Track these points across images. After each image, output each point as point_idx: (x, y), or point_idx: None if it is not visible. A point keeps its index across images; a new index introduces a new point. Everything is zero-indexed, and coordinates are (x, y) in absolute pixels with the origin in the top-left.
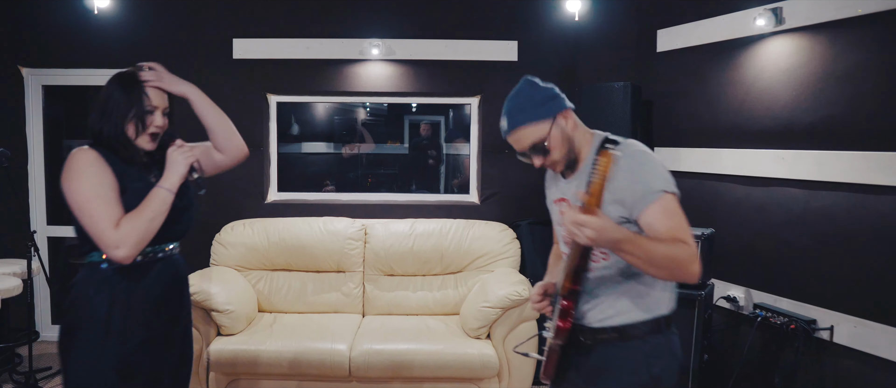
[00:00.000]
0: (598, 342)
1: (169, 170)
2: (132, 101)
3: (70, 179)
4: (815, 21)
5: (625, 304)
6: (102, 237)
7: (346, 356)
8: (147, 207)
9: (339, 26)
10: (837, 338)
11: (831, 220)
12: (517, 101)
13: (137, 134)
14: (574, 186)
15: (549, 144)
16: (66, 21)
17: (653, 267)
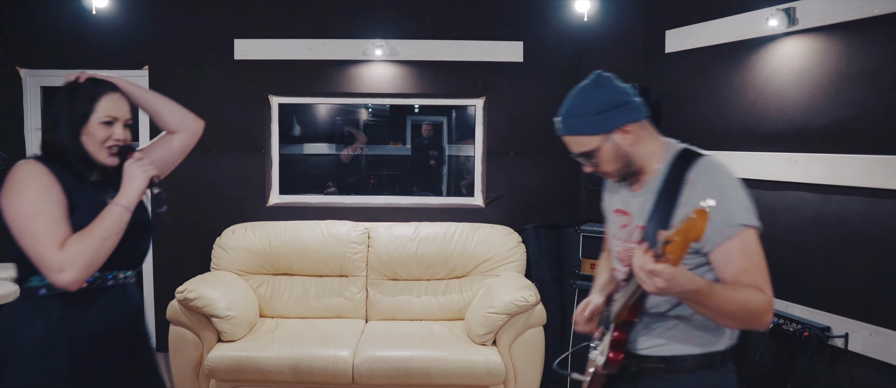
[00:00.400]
0: (644, 370)
1: (125, 185)
2: (89, 109)
3: (10, 193)
4: (830, 22)
5: (676, 334)
6: (44, 258)
7: (350, 363)
8: (99, 225)
9: (341, 27)
10: (852, 346)
11: (845, 225)
12: (576, 102)
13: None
14: (640, 201)
15: (596, 156)
16: (65, 21)
17: (722, 318)
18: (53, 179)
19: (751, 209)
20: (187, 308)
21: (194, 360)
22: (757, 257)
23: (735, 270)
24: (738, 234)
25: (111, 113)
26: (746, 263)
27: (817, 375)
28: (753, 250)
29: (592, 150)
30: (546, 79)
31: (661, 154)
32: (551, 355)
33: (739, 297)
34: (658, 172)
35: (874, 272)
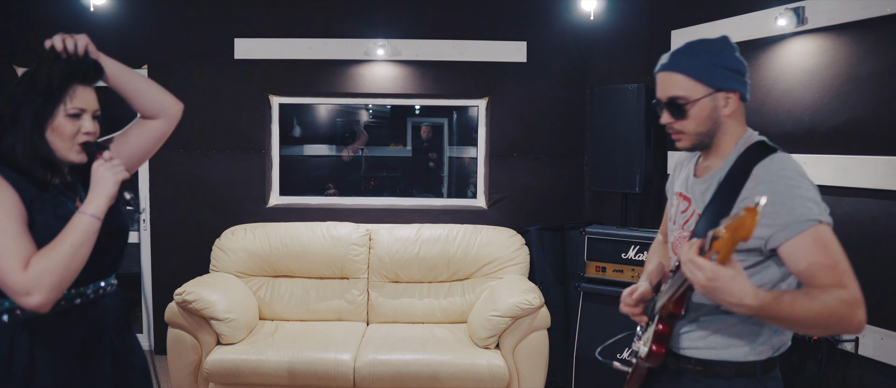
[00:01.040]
0: (682, 371)
1: (94, 190)
2: (53, 103)
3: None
4: (840, 21)
5: (717, 339)
6: (8, 281)
7: (351, 367)
8: (66, 238)
9: (343, 26)
10: (863, 350)
11: (856, 227)
12: (698, 46)
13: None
14: (703, 188)
15: (688, 108)
16: (62, 19)
17: (803, 328)
18: (10, 188)
19: (822, 205)
20: (186, 310)
21: (193, 363)
22: (834, 251)
23: (809, 264)
24: (809, 229)
25: (79, 105)
26: (823, 258)
27: (827, 379)
28: (829, 244)
29: (689, 99)
30: (550, 79)
31: (737, 140)
32: (555, 358)
33: (814, 303)
34: (726, 161)
35: (886, 275)
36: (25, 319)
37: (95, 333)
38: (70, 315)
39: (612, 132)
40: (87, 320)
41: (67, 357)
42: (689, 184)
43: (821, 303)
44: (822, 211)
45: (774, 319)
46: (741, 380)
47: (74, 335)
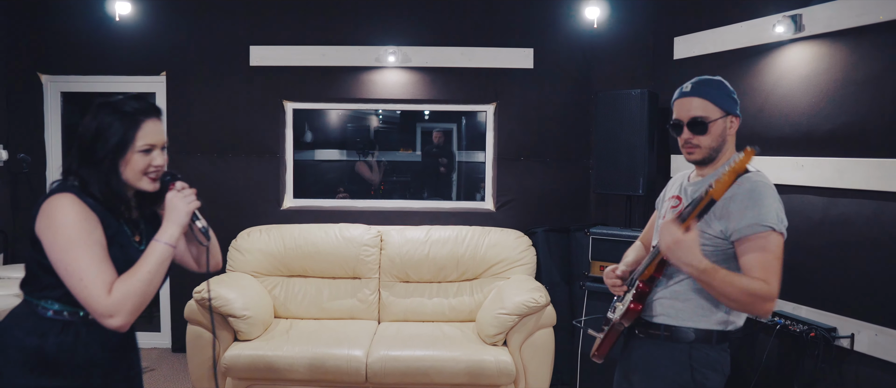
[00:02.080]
0: (650, 336)
1: (168, 219)
2: (128, 136)
3: (53, 230)
4: (836, 28)
5: (684, 307)
6: (93, 305)
7: (363, 362)
8: (143, 266)
9: (355, 34)
10: (858, 346)
11: (851, 227)
12: (711, 81)
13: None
14: (693, 189)
15: (710, 127)
16: (87, 28)
17: (724, 298)
18: (95, 217)
19: (781, 219)
20: (205, 309)
21: (211, 359)
22: (773, 257)
23: (750, 260)
24: (763, 233)
25: (150, 141)
26: (762, 258)
27: (823, 375)
28: (772, 250)
29: (708, 120)
30: (555, 85)
31: (728, 158)
32: (561, 355)
33: (741, 283)
34: (716, 171)
35: (880, 274)
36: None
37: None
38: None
39: (616, 136)
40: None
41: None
42: (683, 187)
43: (741, 285)
44: (780, 223)
45: (707, 284)
46: (700, 345)
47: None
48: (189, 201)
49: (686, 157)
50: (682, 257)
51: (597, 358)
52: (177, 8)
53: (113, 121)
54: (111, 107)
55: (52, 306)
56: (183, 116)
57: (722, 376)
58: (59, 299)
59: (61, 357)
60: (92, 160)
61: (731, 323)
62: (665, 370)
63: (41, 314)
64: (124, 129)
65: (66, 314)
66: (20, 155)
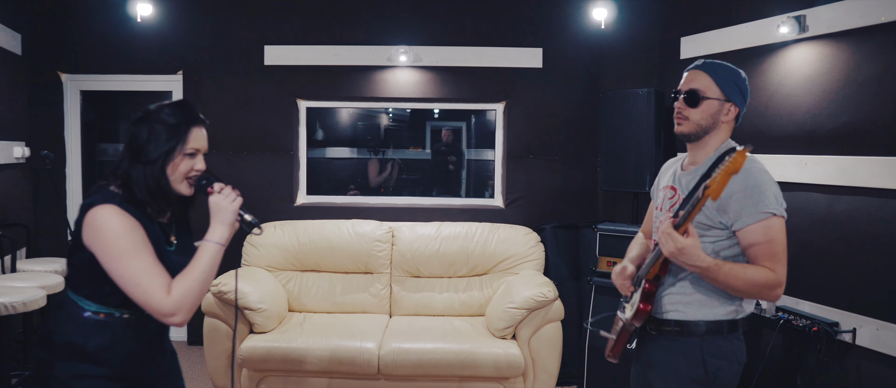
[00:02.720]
0: (661, 332)
1: (215, 220)
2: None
3: (104, 242)
4: (839, 29)
5: (691, 301)
6: (155, 306)
7: (376, 355)
8: (197, 266)
9: (367, 33)
10: (860, 340)
11: (854, 224)
12: (725, 64)
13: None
14: (687, 178)
15: (703, 103)
16: (106, 28)
17: (731, 290)
18: (137, 222)
19: (780, 202)
20: (222, 301)
21: (227, 350)
22: (777, 243)
23: (755, 248)
24: (765, 219)
25: (195, 145)
26: (767, 246)
27: (826, 368)
28: (776, 236)
29: (705, 96)
30: (564, 84)
31: (720, 144)
32: (569, 349)
33: (746, 275)
34: (708, 159)
35: (881, 269)
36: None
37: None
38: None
39: (624, 134)
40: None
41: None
42: (677, 177)
43: (746, 277)
44: (779, 206)
45: (714, 279)
46: (711, 337)
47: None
48: (232, 199)
49: (675, 128)
50: (686, 261)
51: (612, 358)
52: (193, 8)
53: (168, 123)
54: (166, 110)
55: (89, 307)
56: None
57: (737, 364)
58: (98, 300)
59: (102, 356)
60: (144, 160)
61: (741, 311)
62: (678, 366)
63: (80, 314)
64: (178, 132)
65: (103, 316)
66: (43, 152)
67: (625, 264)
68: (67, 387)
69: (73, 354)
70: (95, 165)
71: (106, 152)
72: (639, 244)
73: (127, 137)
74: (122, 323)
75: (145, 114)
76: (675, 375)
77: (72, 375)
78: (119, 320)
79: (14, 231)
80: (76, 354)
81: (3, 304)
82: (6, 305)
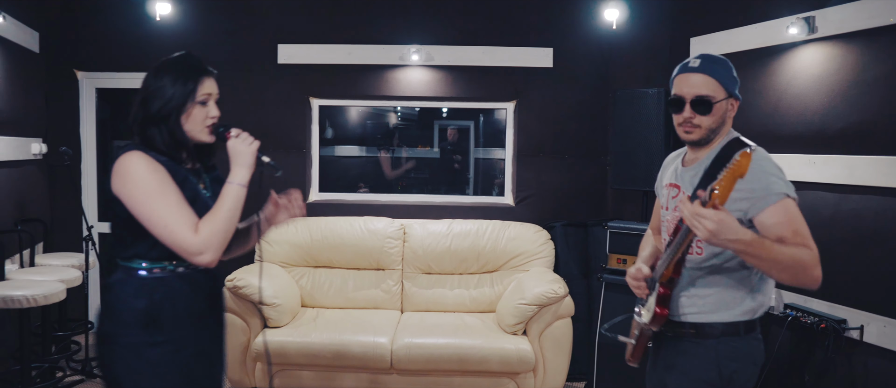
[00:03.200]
0: (678, 336)
1: (235, 163)
2: (188, 90)
3: (129, 183)
4: (848, 29)
5: (706, 303)
6: (183, 244)
7: (388, 349)
8: (222, 206)
9: (380, 33)
10: (867, 337)
11: (861, 222)
12: (719, 59)
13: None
14: (690, 175)
15: (715, 107)
16: (120, 26)
17: (777, 269)
18: (161, 166)
19: (788, 184)
20: (237, 296)
21: (242, 344)
22: (798, 220)
23: (781, 230)
24: (780, 201)
25: (207, 91)
26: (792, 225)
27: (834, 365)
28: (795, 214)
29: (712, 99)
30: (574, 83)
31: (722, 139)
32: (579, 345)
33: (789, 250)
34: (711, 152)
35: (889, 267)
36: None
37: (213, 297)
38: (194, 277)
39: (634, 133)
40: (205, 286)
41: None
42: (679, 174)
43: (791, 252)
44: (789, 188)
45: (758, 256)
46: (727, 338)
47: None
48: (249, 142)
49: (683, 136)
50: (729, 235)
51: (632, 362)
52: (208, 7)
53: (176, 77)
54: (172, 64)
55: (140, 266)
56: None
57: (754, 366)
58: (145, 256)
59: (166, 311)
60: (157, 117)
61: (759, 309)
62: (694, 370)
63: (135, 275)
64: (185, 83)
65: (158, 271)
66: (62, 148)
67: (639, 266)
68: (137, 354)
69: (136, 319)
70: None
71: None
72: (649, 242)
73: (138, 97)
74: (176, 277)
75: (153, 71)
76: (689, 378)
77: (138, 342)
78: (173, 273)
79: (32, 226)
80: (140, 319)
81: (24, 297)
82: (28, 297)
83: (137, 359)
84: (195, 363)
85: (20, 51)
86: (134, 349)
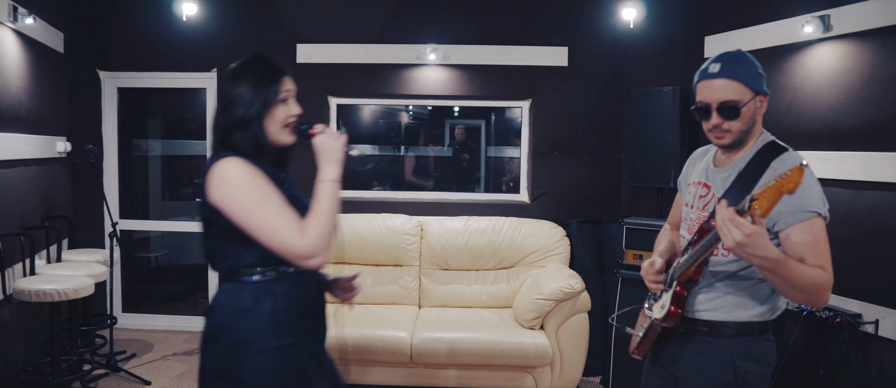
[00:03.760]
0: (691, 333)
1: (324, 159)
2: (271, 90)
3: (233, 193)
4: (863, 28)
5: (722, 302)
6: (293, 249)
7: (408, 343)
8: (321, 205)
9: (397, 32)
10: (882, 332)
11: (876, 218)
12: (740, 58)
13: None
14: (723, 177)
15: (742, 111)
16: (142, 27)
17: (792, 290)
18: (259, 171)
19: (824, 202)
20: None
21: None
22: (823, 242)
23: (804, 249)
24: (810, 219)
25: (288, 88)
26: (816, 246)
27: (848, 359)
28: (821, 235)
29: (739, 102)
30: (589, 82)
31: (756, 139)
32: (595, 340)
33: (809, 272)
34: (745, 155)
35: None
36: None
37: (319, 295)
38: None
39: (649, 131)
40: (313, 286)
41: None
42: (709, 173)
43: (811, 274)
44: (823, 206)
45: (778, 275)
46: (741, 338)
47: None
48: (336, 137)
49: (714, 141)
50: (757, 252)
51: (636, 355)
52: (228, 8)
53: (256, 80)
54: (248, 68)
55: (255, 271)
56: None
57: (767, 366)
58: (253, 265)
59: (287, 313)
60: (241, 123)
61: (774, 311)
62: (707, 370)
63: (248, 284)
64: (267, 85)
65: (271, 274)
66: (88, 146)
67: (654, 259)
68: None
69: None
70: (131, 160)
71: (140, 148)
72: (666, 237)
73: (218, 105)
74: (287, 278)
75: (230, 77)
76: (704, 377)
77: (265, 347)
78: (285, 274)
79: (57, 223)
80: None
81: (55, 291)
82: (58, 291)
83: (263, 364)
84: (309, 362)
85: (47, 51)
86: (261, 354)
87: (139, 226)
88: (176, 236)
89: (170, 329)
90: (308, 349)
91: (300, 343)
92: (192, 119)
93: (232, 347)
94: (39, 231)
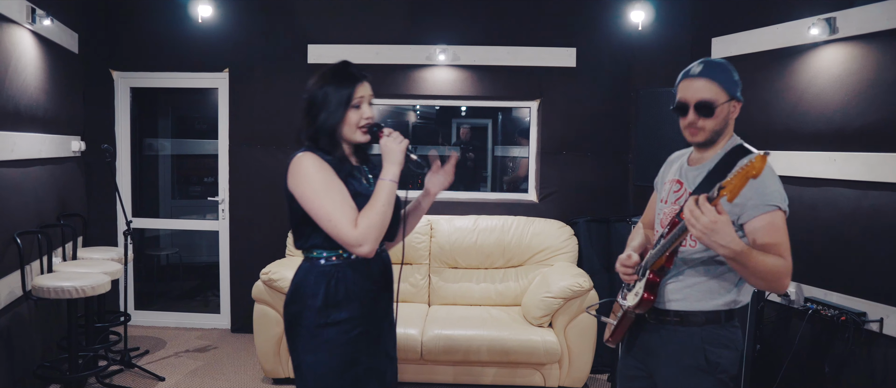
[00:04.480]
0: (661, 322)
1: (387, 160)
2: (346, 95)
3: (304, 181)
4: (869, 30)
5: (692, 292)
6: (344, 237)
7: (419, 340)
8: (377, 201)
9: (407, 33)
10: (887, 330)
11: (881, 218)
12: (719, 64)
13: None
14: (694, 175)
15: (716, 111)
16: (155, 27)
17: (754, 277)
18: (328, 165)
19: (784, 197)
20: (271, 288)
21: (276, 336)
22: (783, 233)
23: (766, 239)
24: (771, 212)
25: (361, 94)
26: (776, 237)
27: (853, 357)
28: (781, 227)
29: (714, 103)
30: (597, 83)
31: (727, 140)
32: (602, 339)
33: (769, 261)
34: (716, 155)
35: None
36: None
37: (383, 279)
38: (369, 263)
39: (656, 131)
40: (376, 270)
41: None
42: (683, 171)
43: (772, 263)
44: (783, 201)
45: (741, 264)
46: (710, 326)
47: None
48: (399, 141)
49: (689, 138)
50: (720, 240)
51: (611, 343)
52: (239, 8)
53: (336, 85)
54: (330, 74)
55: (321, 255)
56: (244, 111)
57: (735, 351)
58: (321, 246)
59: (341, 294)
60: (323, 128)
61: (737, 302)
62: (681, 357)
63: (317, 264)
64: (344, 90)
65: (334, 259)
66: (104, 145)
67: (628, 253)
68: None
69: (315, 303)
70: (143, 159)
71: (151, 147)
72: (639, 234)
73: (303, 106)
74: (348, 264)
75: (317, 81)
76: (679, 364)
77: (316, 323)
78: (347, 260)
79: (72, 221)
80: (317, 302)
81: (74, 287)
82: (77, 288)
83: (314, 338)
84: (362, 341)
85: (62, 52)
86: (312, 329)
87: (150, 224)
88: (185, 234)
89: (182, 327)
90: (359, 328)
91: (350, 322)
92: (202, 118)
93: (290, 317)
94: (56, 229)
